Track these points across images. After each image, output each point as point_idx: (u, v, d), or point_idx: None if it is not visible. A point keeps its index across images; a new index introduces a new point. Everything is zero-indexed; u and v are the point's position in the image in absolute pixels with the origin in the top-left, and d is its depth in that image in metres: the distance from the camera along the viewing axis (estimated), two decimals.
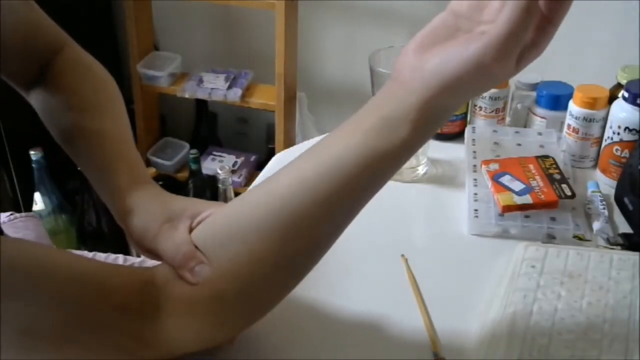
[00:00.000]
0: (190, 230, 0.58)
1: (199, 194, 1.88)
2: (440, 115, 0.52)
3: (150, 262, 0.60)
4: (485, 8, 0.51)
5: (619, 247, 0.77)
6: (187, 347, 0.54)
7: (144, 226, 0.61)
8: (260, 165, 2.02)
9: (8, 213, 1.00)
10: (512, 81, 0.98)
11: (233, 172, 1.95)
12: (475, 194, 0.84)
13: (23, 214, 1.01)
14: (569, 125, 0.92)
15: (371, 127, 0.51)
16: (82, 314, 0.49)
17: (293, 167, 0.54)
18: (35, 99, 0.72)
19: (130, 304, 0.51)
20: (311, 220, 0.53)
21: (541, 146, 0.93)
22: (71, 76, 0.71)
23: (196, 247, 0.55)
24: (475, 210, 0.82)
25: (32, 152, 1.63)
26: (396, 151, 0.52)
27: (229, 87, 1.88)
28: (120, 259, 0.94)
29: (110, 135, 0.68)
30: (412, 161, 0.91)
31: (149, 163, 2.04)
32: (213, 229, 0.56)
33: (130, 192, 0.64)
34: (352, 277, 0.74)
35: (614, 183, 0.87)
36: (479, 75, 0.48)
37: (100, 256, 0.96)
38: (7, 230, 0.95)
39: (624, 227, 0.81)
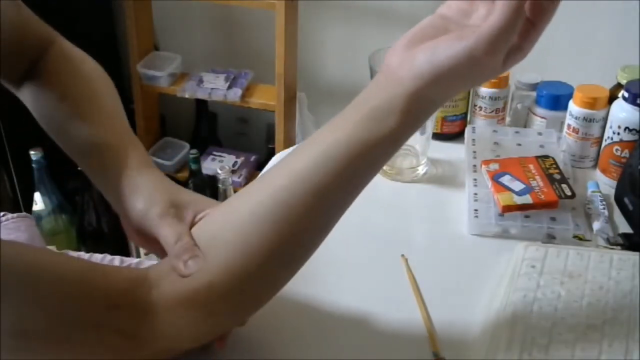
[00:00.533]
0: (192, 225, 0.58)
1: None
2: (427, 107, 0.53)
3: (148, 264, 0.60)
4: (473, 14, 0.53)
5: (619, 247, 0.77)
6: (181, 342, 0.54)
7: (147, 206, 0.60)
8: (260, 165, 2.02)
9: (1, 214, 0.99)
10: (512, 81, 0.98)
11: (233, 172, 1.95)
12: (475, 194, 0.84)
13: (15, 214, 1.00)
14: (569, 125, 0.92)
15: (360, 119, 0.53)
16: (73, 314, 0.49)
17: (285, 161, 0.56)
18: (27, 95, 0.72)
19: (121, 303, 0.51)
20: (303, 211, 0.53)
21: (541, 146, 0.93)
22: (63, 70, 0.71)
23: (198, 239, 0.55)
24: (475, 210, 0.82)
25: (32, 152, 1.63)
26: (385, 142, 0.53)
27: (229, 87, 1.88)
28: (116, 260, 0.94)
29: (111, 121, 0.68)
30: (412, 161, 0.91)
31: None
32: (209, 225, 0.57)
33: (139, 171, 0.63)
34: (352, 276, 0.74)
35: (614, 183, 0.87)
36: (469, 68, 0.50)
37: (97, 257, 0.96)
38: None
39: (624, 227, 0.81)
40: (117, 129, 0.68)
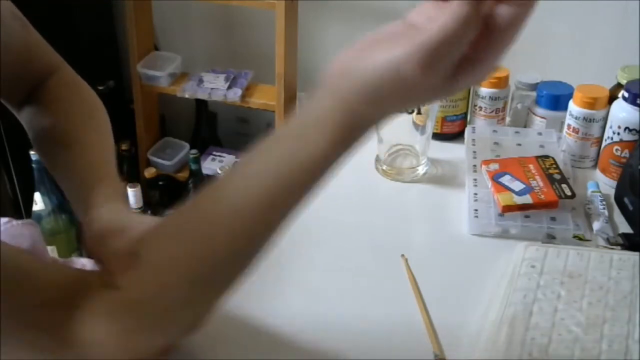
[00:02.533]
0: None
1: None
2: (360, 125, 0.48)
3: None
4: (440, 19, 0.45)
5: (619, 247, 0.77)
6: (107, 354, 0.52)
7: (102, 231, 0.62)
8: None
9: (6, 219, 1.00)
10: (512, 81, 0.98)
11: None
12: (475, 194, 0.84)
13: (21, 221, 1.01)
14: (569, 125, 0.92)
15: (291, 135, 0.49)
16: (4, 308, 0.48)
17: (224, 177, 0.54)
18: (25, 117, 0.73)
19: (52, 300, 0.50)
20: (226, 231, 0.51)
21: (541, 146, 0.93)
22: (62, 97, 0.72)
23: (131, 252, 0.53)
24: (475, 210, 0.82)
25: (32, 152, 1.63)
26: (315, 160, 0.48)
27: (229, 87, 1.88)
28: None
29: (92, 150, 0.69)
30: (412, 161, 0.91)
31: (149, 163, 2.04)
32: (147, 235, 0.56)
33: (105, 204, 0.65)
34: (352, 276, 0.74)
35: (614, 183, 0.87)
36: (398, 81, 0.43)
37: None
38: (2, 236, 0.95)
39: (624, 227, 0.81)
40: (95, 163, 0.69)
